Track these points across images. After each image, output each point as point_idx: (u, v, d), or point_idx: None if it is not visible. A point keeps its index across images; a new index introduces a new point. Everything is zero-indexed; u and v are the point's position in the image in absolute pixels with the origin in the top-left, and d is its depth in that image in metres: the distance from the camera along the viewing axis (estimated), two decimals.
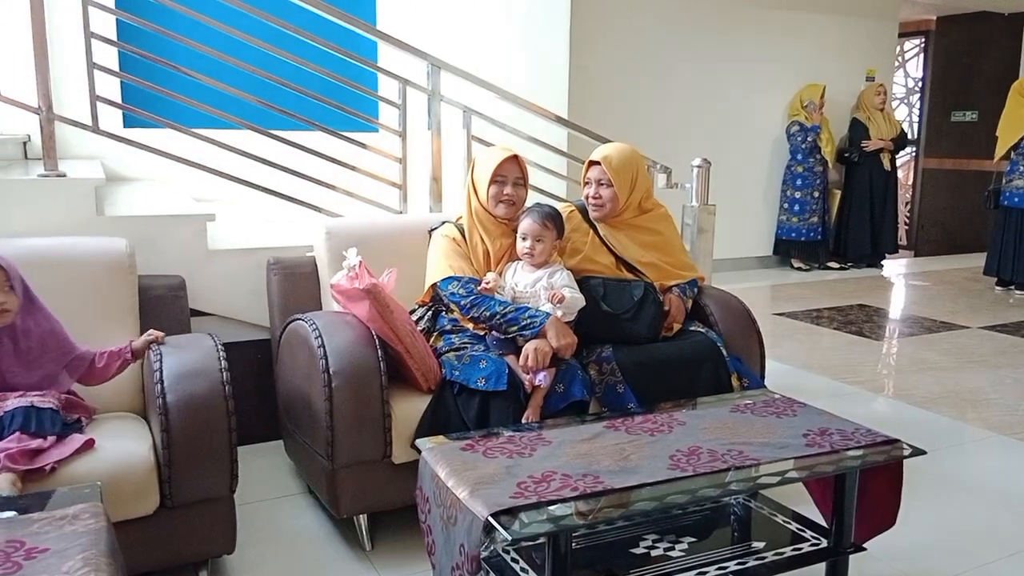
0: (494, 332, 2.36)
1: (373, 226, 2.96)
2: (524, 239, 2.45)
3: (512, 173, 2.53)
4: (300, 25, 3.07)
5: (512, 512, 1.54)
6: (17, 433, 1.83)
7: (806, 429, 1.96)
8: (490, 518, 1.52)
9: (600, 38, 5.94)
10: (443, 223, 2.66)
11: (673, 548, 1.88)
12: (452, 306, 2.46)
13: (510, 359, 2.30)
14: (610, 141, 2.99)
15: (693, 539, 1.93)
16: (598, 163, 2.66)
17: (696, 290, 2.77)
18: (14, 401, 1.91)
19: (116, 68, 3.16)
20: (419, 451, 1.91)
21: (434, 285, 2.50)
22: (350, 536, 2.35)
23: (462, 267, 2.49)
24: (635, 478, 1.67)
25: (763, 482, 1.77)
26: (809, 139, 6.75)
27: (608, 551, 1.90)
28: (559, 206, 2.80)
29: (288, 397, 2.54)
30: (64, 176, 2.66)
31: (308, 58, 3.13)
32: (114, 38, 3.12)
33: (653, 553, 1.86)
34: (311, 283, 2.81)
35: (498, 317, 2.33)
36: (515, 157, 2.54)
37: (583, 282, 2.54)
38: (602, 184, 2.65)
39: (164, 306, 2.53)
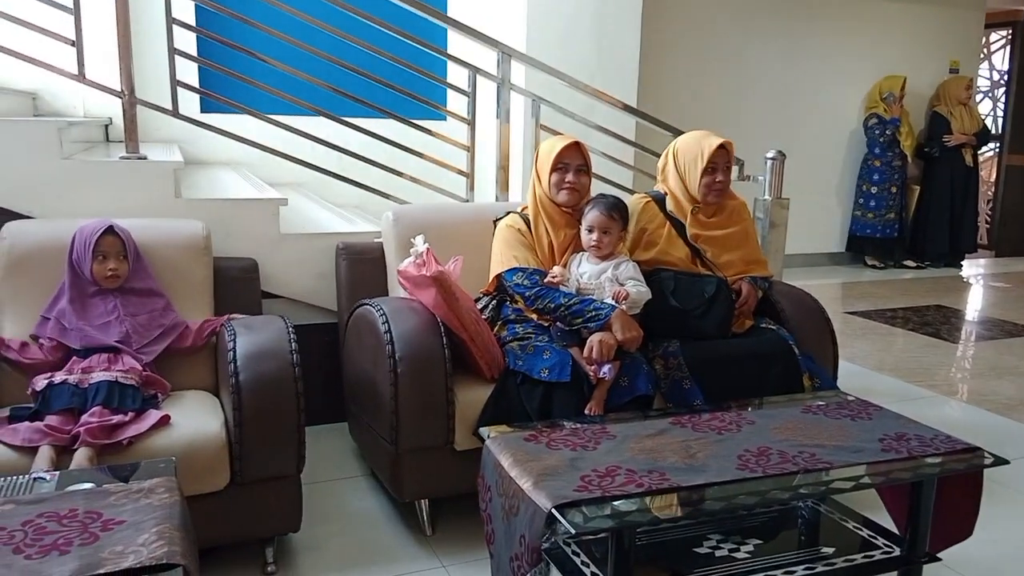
0: (558, 323, 2.35)
1: (440, 213, 2.97)
2: (590, 231, 2.41)
3: (575, 160, 2.49)
4: (372, 12, 3.10)
5: (575, 505, 1.53)
6: (99, 407, 1.91)
7: (882, 433, 1.89)
8: (554, 510, 1.51)
9: (672, 25, 5.82)
10: (508, 213, 2.65)
11: (738, 550, 1.84)
12: (516, 297, 2.45)
13: (574, 351, 2.28)
14: (680, 131, 2.94)
15: (759, 541, 1.89)
16: (724, 147, 2.55)
17: (768, 284, 2.70)
18: (99, 375, 1.99)
19: (194, 54, 3.23)
20: (482, 439, 1.91)
21: (499, 276, 2.49)
22: (411, 520, 2.38)
23: (527, 258, 2.47)
24: (702, 477, 1.64)
25: (836, 487, 1.72)
26: (888, 132, 6.51)
27: (670, 549, 1.87)
28: (633, 197, 2.76)
29: (354, 380, 2.57)
30: (145, 159, 2.75)
31: (379, 45, 3.15)
32: (193, 24, 3.21)
33: (717, 554, 1.82)
34: (378, 268, 2.84)
35: (563, 309, 2.31)
36: (577, 144, 2.51)
37: (653, 275, 2.50)
38: (728, 169, 2.58)
39: (237, 287, 2.59)
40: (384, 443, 2.28)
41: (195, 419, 2.03)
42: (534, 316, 2.43)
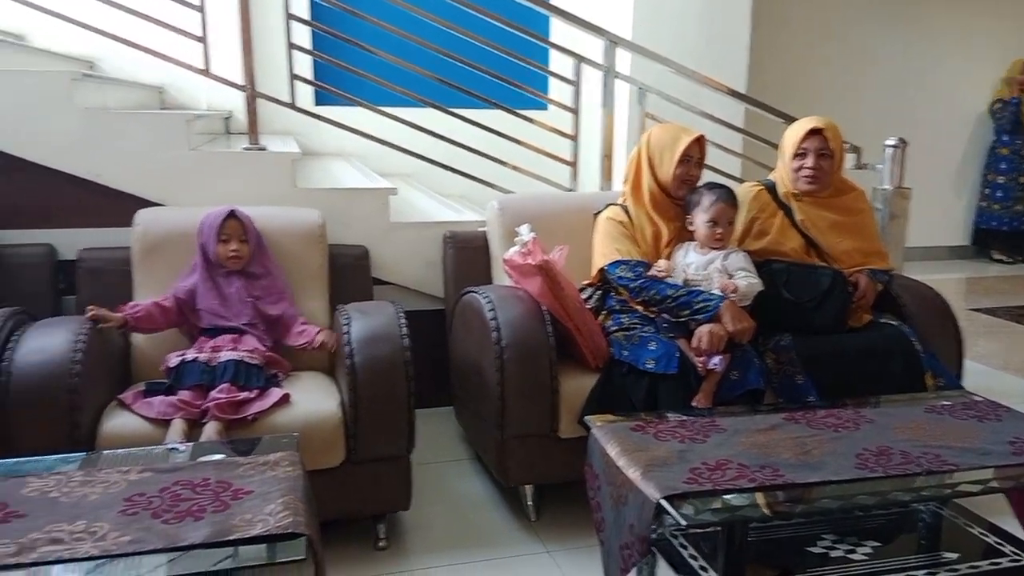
0: (664, 315, 2.32)
1: (544, 203, 2.98)
2: (715, 224, 2.35)
3: (696, 154, 2.46)
4: (478, 2, 3.12)
5: (685, 497, 1.51)
6: (228, 384, 2.02)
7: (1013, 436, 1.78)
8: (663, 501, 1.50)
9: (784, 8, 5.62)
10: (607, 205, 2.63)
11: (854, 551, 1.78)
12: (621, 289, 2.43)
13: (681, 342, 2.24)
14: (792, 117, 2.83)
15: (876, 544, 1.82)
16: (819, 132, 2.47)
17: (888, 278, 2.58)
18: (227, 354, 2.11)
19: (309, 48, 3.35)
20: (587, 428, 1.91)
21: (602, 269, 2.48)
22: (516, 505, 2.41)
23: (629, 250, 2.44)
24: (818, 475, 1.59)
25: (962, 490, 1.64)
26: (1008, 113, 6.08)
27: (781, 547, 1.83)
28: (744, 184, 2.69)
29: (460, 366, 2.62)
30: (265, 150, 2.88)
31: (484, 35, 3.18)
32: (308, 18, 3.32)
33: (832, 555, 1.77)
34: (483, 257, 2.88)
35: (669, 301, 2.28)
36: (701, 137, 2.46)
37: (765, 266, 2.43)
38: (823, 155, 2.48)
39: (350, 274, 2.69)
40: (490, 428, 2.31)
41: (313, 399, 2.12)
42: (639, 307, 2.41)
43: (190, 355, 2.14)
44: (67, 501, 1.45)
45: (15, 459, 1.67)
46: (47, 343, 1.96)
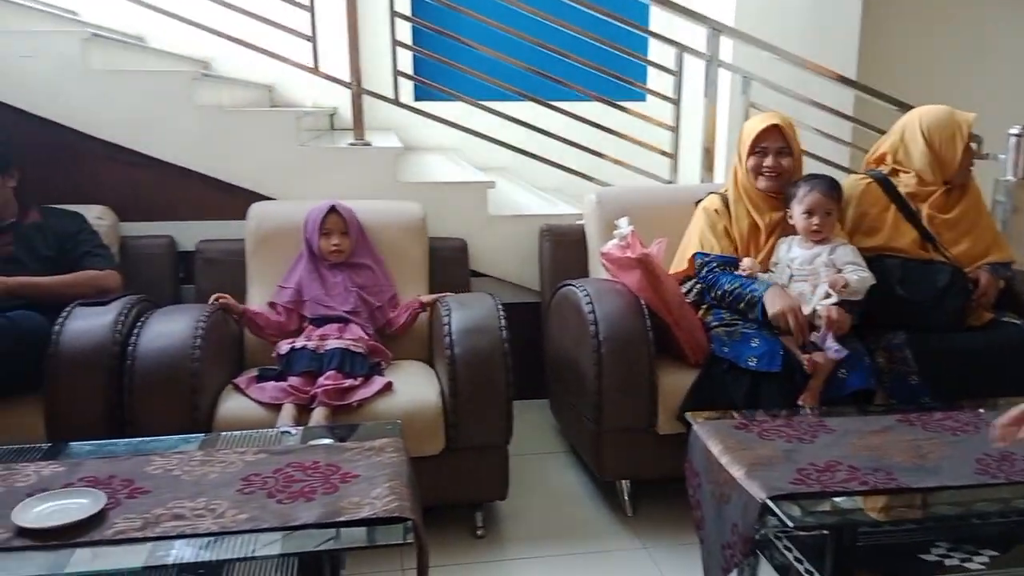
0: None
1: (643, 195, 2.95)
2: (810, 214, 2.28)
3: (774, 143, 2.37)
4: None
5: (791, 498, 1.48)
6: (334, 371, 2.10)
7: None
8: (768, 501, 1.47)
9: None
10: (708, 194, 2.58)
11: (971, 560, 1.69)
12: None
13: (786, 339, 2.18)
14: (907, 104, 2.71)
15: (995, 553, 1.72)
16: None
17: (1011, 273, 2.43)
18: (333, 342, 2.19)
19: (411, 43, 3.42)
20: (687, 424, 1.89)
21: (692, 258, 2.45)
22: (612, 499, 2.40)
23: (712, 243, 2.41)
24: (935, 479, 1.52)
25: None
26: None
27: (892, 553, 1.75)
28: (851, 177, 2.59)
29: (556, 359, 2.63)
30: (369, 145, 2.96)
31: (581, 26, 3.16)
32: (409, 14, 3.39)
33: (947, 563, 1.68)
34: (580, 250, 2.87)
35: (728, 295, 2.27)
36: (776, 126, 2.38)
37: (876, 261, 2.32)
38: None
39: (449, 266, 2.74)
40: (586, 422, 2.31)
41: (414, 387, 2.18)
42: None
43: (299, 343, 2.24)
44: (188, 479, 1.54)
45: (140, 438, 1.79)
46: (170, 329, 2.08)
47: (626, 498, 2.35)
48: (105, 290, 2.27)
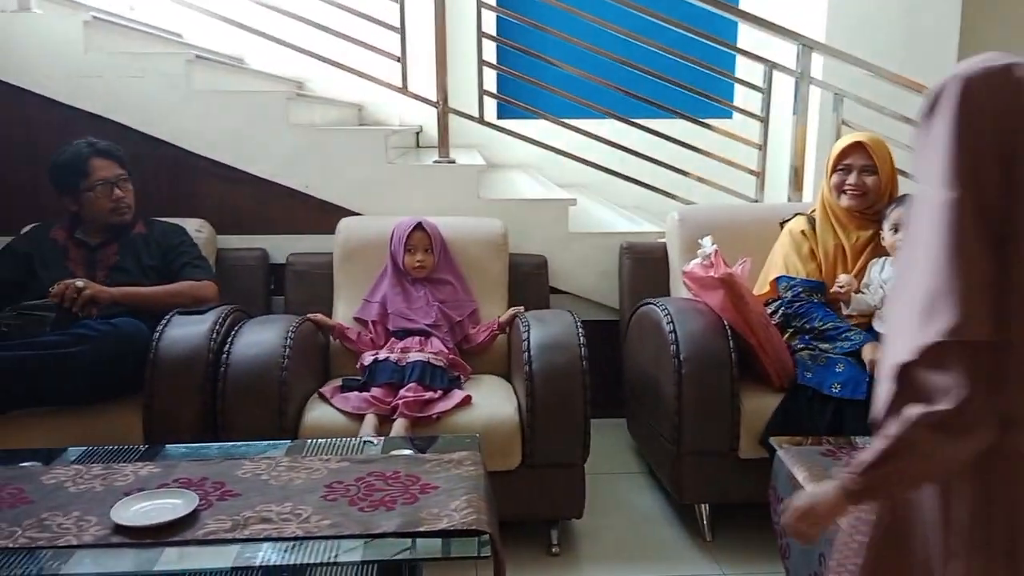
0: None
1: (726, 214, 2.91)
2: (896, 229, 2.21)
3: (859, 160, 2.32)
4: (660, 11, 3.10)
5: None
6: (415, 384, 2.14)
7: None
8: None
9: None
10: (795, 215, 2.52)
11: None
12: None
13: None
14: None
15: None
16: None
17: None
18: (415, 355, 2.24)
19: (495, 62, 3.47)
20: (770, 450, 1.84)
21: (774, 282, 2.40)
22: (690, 523, 2.36)
23: (797, 267, 2.35)
24: None
25: None
26: None
27: None
28: None
29: (635, 378, 2.61)
30: (453, 162, 3.02)
31: (666, 44, 3.15)
32: (494, 34, 3.44)
33: None
34: (661, 268, 2.85)
35: (816, 333, 2.22)
36: (861, 143, 2.32)
37: None
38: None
39: (529, 282, 2.76)
40: (665, 443, 2.28)
41: (492, 402, 2.19)
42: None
43: (382, 355, 2.29)
44: (276, 484, 1.59)
45: (231, 443, 1.86)
46: (261, 338, 2.17)
47: (705, 522, 2.30)
48: (202, 300, 2.38)
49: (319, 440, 1.84)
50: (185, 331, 2.17)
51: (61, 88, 2.75)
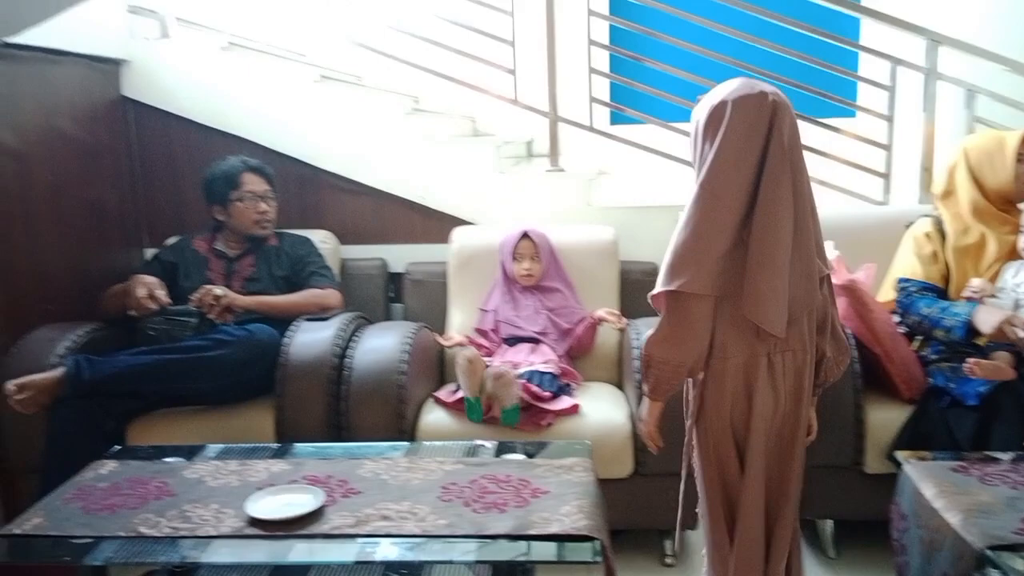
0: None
1: (848, 218, 2.79)
2: None
3: None
4: (776, 10, 3.02)
5: (1014, 549, 1.34)
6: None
7: None
8: (988, 551, 1.34)
9: None
10: (920, 217, 2.40)
11: None
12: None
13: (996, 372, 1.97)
14: None
15: None
16: None
17: None
18: (524, 368, 2.27)
19: (608, 70, 3.48)
20: (897, 464, 1.76)
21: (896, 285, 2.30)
22: (812, 538, 2.28)
23: (916, 269, 2.24)
24: None
25: None
26: None
27: None
28: None
29: None
30: (564, 171, 3.04)
31: (781, 43, 3.06)
32: (607, 42, 3.45)
33: None
34: None
35: (925, 322, 2.09)
36: None
37: None
38: None
39: (640, 289, 2.69)
40: None
41: (603, 409, 2.20)
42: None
43: (492, 363, 2.33)
44: (395, 484, 1.66)
45: (354, 443, 1.95)
46: (381, 344, 2.26)
47: (828, 538, 2.22)
48: (327, 307, 2.51)
49: (435, 443, 1.90)
50: (312, 337, 2.29)
51: (200, 110, 2.97)
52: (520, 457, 1.78)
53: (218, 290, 2.36)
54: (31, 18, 2.27)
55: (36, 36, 2.41)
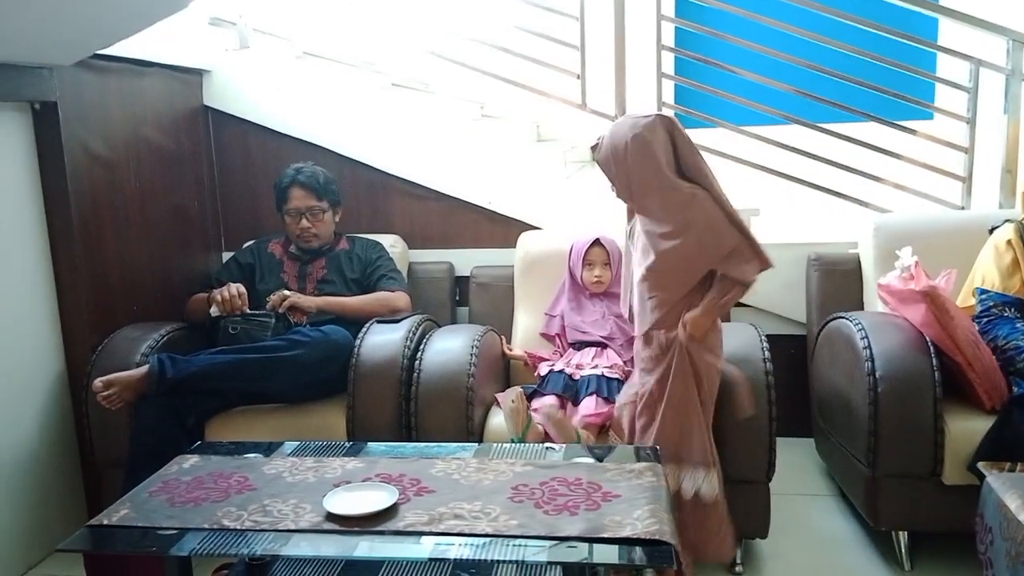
0: None
1: (927, 223, 2.73)
2: None
3: None
4: (849, 10, 2.96)
5: None
6: (593, 396, 2.18)
7: None
8: None
9: None
10: (1005, 222, 2.31)
11: None
12: None
13: None
14: None
15: None
16: None
17: None
18: (589, 371, 2.27)
19: (673, 73, 3.45)
20: (979, 476, 1.70)
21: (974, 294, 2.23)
22: (886, 550, 2.22)
23: (994, 279, 2.17)
24: None
25: None
26: None
27: None
28: None
29: (824, 396, 2.49)
30: None
31: (855, 44, 2.99)
32: (672, 45, 3.43)
33: None
34: (853, 281, 2.71)
35: (999, 351, 2.04)
36: None
37: None
38: None
39: None
40: (859, 465, 2.17)
41: None
42: None
43: (558, 366, 2.35)
44: (466, 483, 1.68)
45: (425, 443, 1.98)
46: (449, 346, 2.30)
47: (903, 551, 2.16)
48: (396, 309, 2.55)
49: (504, 444, 1.92)
50: (383, 338, 2.33)
51: (275, 118, 3.07)
52: (590, 461, 1.78)
53: (286, 292, 2.45)
54: (120, 31, 2.38)
55: (123, 48, 2.52)
